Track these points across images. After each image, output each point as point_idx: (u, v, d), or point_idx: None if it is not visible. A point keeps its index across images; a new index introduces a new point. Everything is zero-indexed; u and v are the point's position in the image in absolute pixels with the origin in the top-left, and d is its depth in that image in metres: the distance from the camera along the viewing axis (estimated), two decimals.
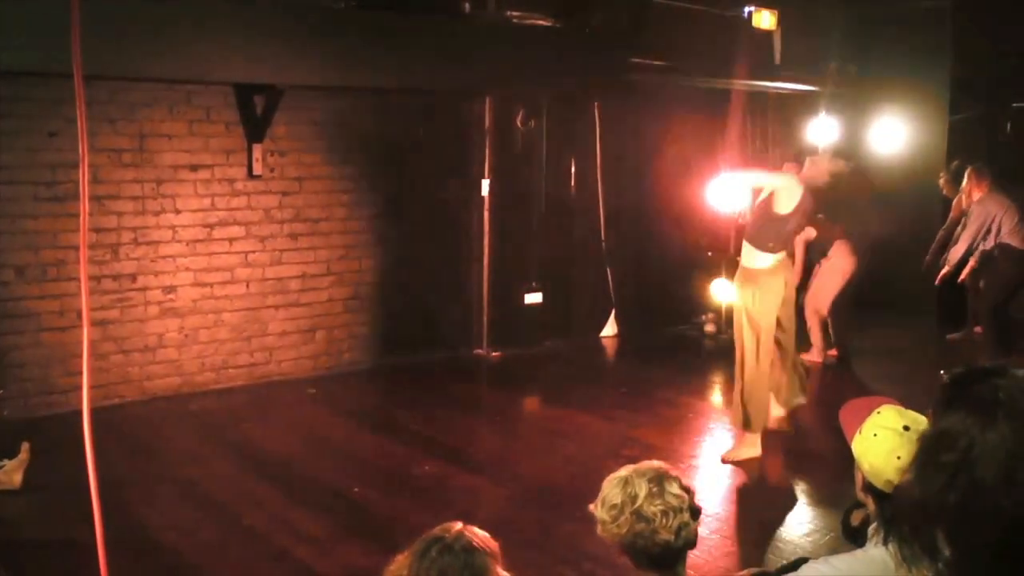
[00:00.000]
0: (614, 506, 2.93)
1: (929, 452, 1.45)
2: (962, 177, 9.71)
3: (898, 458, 2.59)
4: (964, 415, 1.41)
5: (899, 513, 1.67)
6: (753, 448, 6.92)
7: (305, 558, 5.32)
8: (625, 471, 3.03)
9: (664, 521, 2.88)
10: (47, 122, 7.40)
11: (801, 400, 7.25)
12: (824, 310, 9.58)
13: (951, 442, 1.40)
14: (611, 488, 2.99)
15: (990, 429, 1.36)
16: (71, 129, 7.31)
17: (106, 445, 6.10)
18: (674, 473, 3.02)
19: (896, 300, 11.29)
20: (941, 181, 10.57)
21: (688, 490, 2.98)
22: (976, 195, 9.33)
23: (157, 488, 6.31)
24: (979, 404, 1.40)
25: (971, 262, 9.30)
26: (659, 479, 2.95)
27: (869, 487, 2.72)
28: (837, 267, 9.45)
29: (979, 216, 9.22)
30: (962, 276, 9.48)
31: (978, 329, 10.16)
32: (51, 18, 5.98)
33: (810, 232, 9.45)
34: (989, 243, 9.20)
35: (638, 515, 2.89)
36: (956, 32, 11.43)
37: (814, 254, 9.56)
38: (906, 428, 2.64)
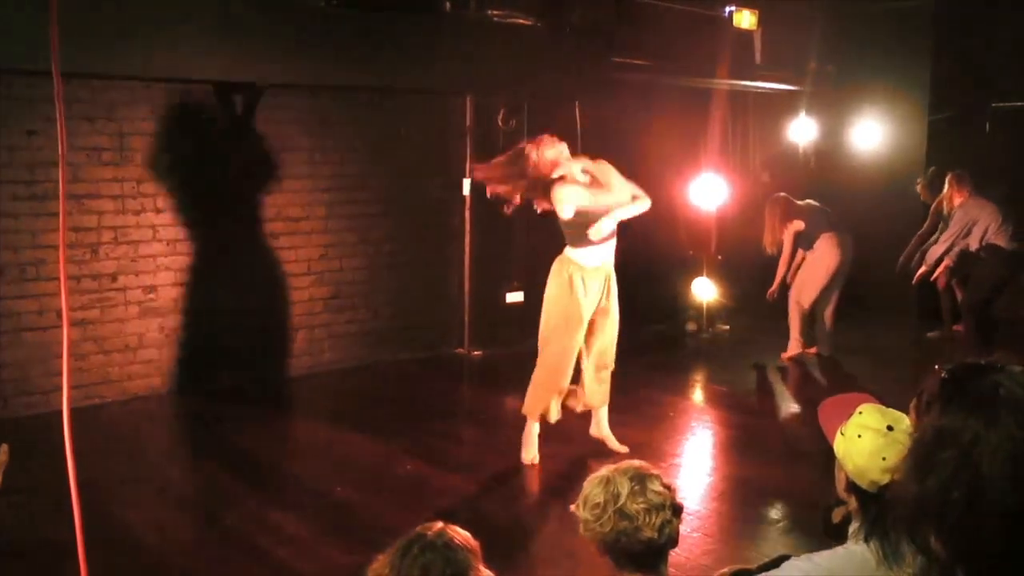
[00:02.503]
0: (597, 505, 2.93)
1: (927, 449, 1.44)
2: (939, 182, 9.78)
3: (883, 459, 2.59)
4: (965, 412, 1.41)
5: (895, 510, 1.67)
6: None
7: (286, 558, 5.31)
8: (606, 470, 3.03)
9: (647, 519, 2.88)
10: (26, 121, 7.36)
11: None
12: (805, 303, 9.62)
13: (952, 439, 1.40)
14: (593, 488, 2.99)
15: (993, 426, 1.36)
16: (50, 128, 7.32)
17: (86, 446, 6.06)
18: (655, 471, 3.03)
19: (875, 298, 11.34)
20: (918, 187, 10.65)
21: (669, 488, 2.99)
22: (957, 200, 9.42)
23: (137, 488, 6.28)
24: (980, 401, 1.40)
25: (946, 261, 9.37)
26: (640, 477, 2.96)
27: (853, 487, 2.72)
28: (820, 261, 9.50)
29: (960, 219, 9.31)
30: (935, 275, 9.55)
31: (957, 327, 10.23)
32: (29, 15, 5.96)
33: (799, 224, 9.50)
34: (973, 245, 9.26)
35: (621, 513, 2.89)
36: (936, 32, 11.48)
37: (803, 243, 9.61)
38: (890, 428, 2.64)
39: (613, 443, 6.98)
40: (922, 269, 9.60)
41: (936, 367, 1.53)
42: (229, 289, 8.58)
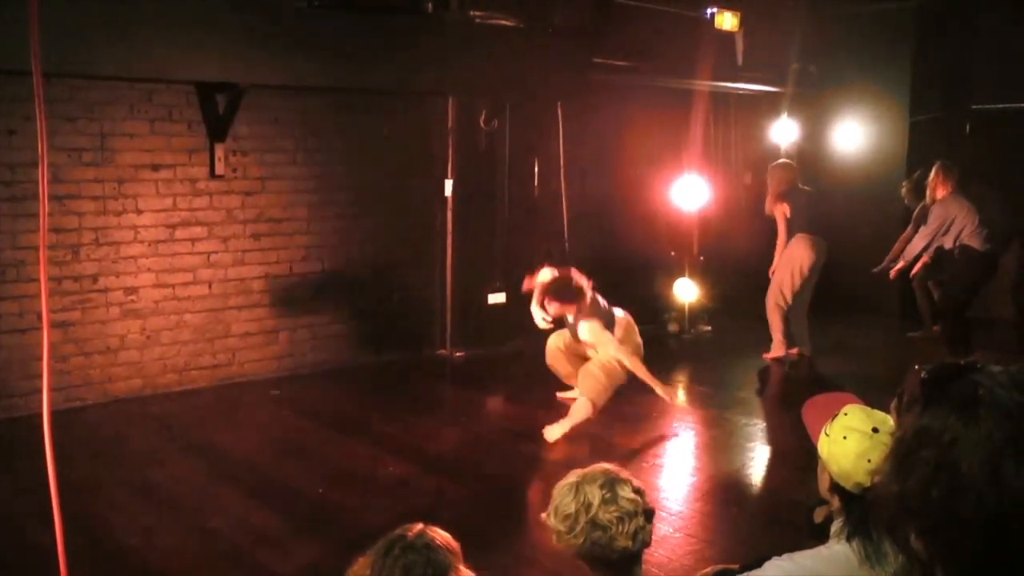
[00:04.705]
0: (568, 515, 2.89)
1: (909, 448, 1.45)
2: (923, 188, 9.76)
3: (868, 461, 2.59)
4: (945, 412, 1.41)
5: (876, 510, 1.68)
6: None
7: (268, 560, 5.29)
8: (575, 476, 2.99)
9: (621, 528, 2.85)
10: (5, 120, 7.31)
11: None
12: (783, 304, 9.64)
13: (932, 439, 1.41)
14: (563, 496, 2.95)
15: (972, 425, 1.37)
16: (30, 127, 7.26)
17: (67, 448, 6.05)
18: (624, 475, 2.99)
19: (857, 299, 11.39)
20: (903, 191, 10.67)
21: (640, 492, 2.96)
22: (941, 192, 9.35)
23: (119, 491, 6.25)
24: (959, 401, 1.41)
25: (924, 257, 9.37)
26: (611, 484, 2.91)
27: (836, 487, 2.72)
28: (792, 262, 9.53)
29: (939, 216, 9.27)
30: (913, 271, 9.55)
31: (937, 328, 10.26)
32: (8, 14, 5.93)
33: (786, 208, 9.51)
34: (948, 243, 9.26)
35: (593, 524, 2.86)
36: (917, 34, 11.54)
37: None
38: (875, 430, 2.64)
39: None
40: (900, 264, 9.59)
41: (916, 367, 1.54)
42: (210, 290, 8.56)
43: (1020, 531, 1.31)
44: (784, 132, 12.02)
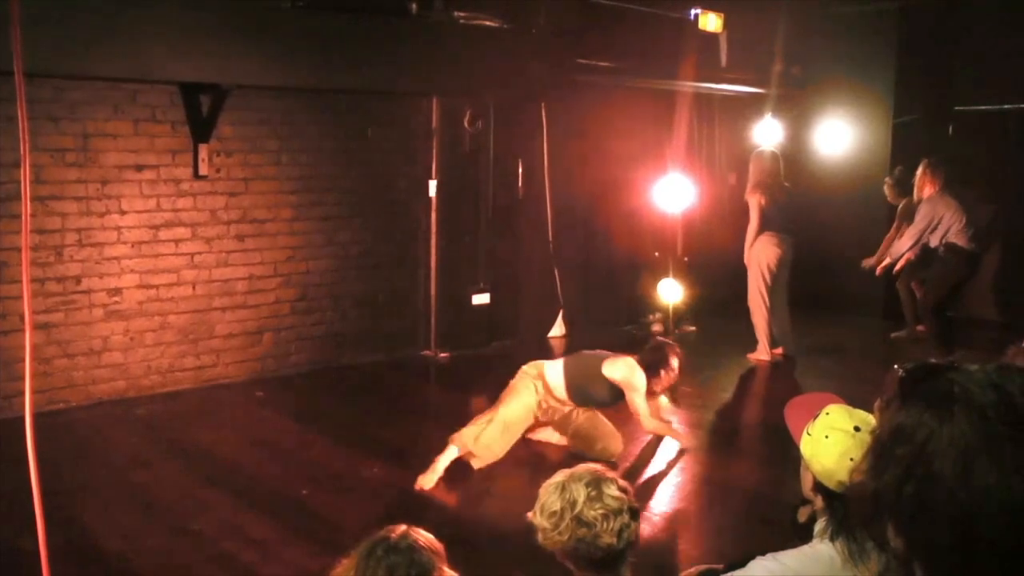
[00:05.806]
0: (554, 513, 2.91)
1: (885, 446, 1.47)
2: (906, 183, 9.79)
3: (851, 460, 2.60)
4: (920, 410, 1.43)
5: (854, 506, 1.70)
6: None
7: (252, 562, 5.28)
8: (561, 476, 3.01)
9: (605, 525, 2.87)
10: None
11: None
12: (765, 305, 9.66)
13: (907, 436, 1.42)
14: (549, 495, 2.97)
15: (946, 423, 1.38)
16: (12, 128, 7.20)
17: (50, 451, 6.02)
18: (610, 475, 3.01)
19: (840, 299, 11.42)
20: (886, 187, 10.69)
21: (626, 491, 2.97)
22: (928, 190, 9.35)
23: (102, 494, 6.23)
24: (935, 399, 1.42)
25: (908, 255, 9.38)
26: (596, 482, 2.94)
27: (819, 487, 2.73)
28: (760, 262, 9.55)
29: (926, 214, 9.27)
30: (897, 267, 9.55)
31: (920, 328, 10.29)
32: None
33: (761, 199, 9.52)
34: (934, 242, 9.28)
35: (579, 520, 2.87)
36: (900, 36, 11.58)
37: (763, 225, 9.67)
38: (857, 429, 2.66)
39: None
40: (885, 261, 9.63)
41: (895, 366, 1.55)
42: (194, 291, 8.54)
43: (992, 529, 1.32)
44: (768, 132, 12.05)
